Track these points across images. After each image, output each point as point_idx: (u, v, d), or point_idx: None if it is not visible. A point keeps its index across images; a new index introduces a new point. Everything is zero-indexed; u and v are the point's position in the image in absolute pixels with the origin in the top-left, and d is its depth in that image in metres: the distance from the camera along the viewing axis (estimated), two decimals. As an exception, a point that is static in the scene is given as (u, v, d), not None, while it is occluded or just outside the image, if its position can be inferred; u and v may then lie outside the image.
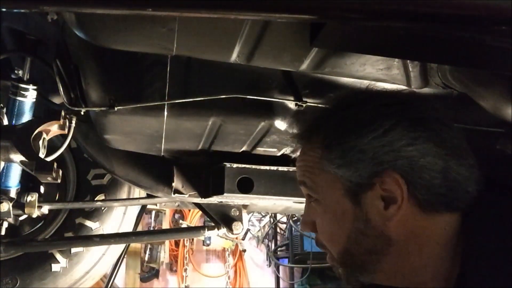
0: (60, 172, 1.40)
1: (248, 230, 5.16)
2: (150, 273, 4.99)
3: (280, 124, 1.36)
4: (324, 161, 0.82)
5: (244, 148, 1.53)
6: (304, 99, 1.31)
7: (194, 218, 5.08)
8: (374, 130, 0.77)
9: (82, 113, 1.42)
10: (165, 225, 5.00)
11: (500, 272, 0.71)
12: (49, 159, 1.42)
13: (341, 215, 0.81)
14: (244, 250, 5.42)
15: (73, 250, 2.01)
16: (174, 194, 1.58)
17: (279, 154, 1.56)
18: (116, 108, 1.24)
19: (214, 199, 1.63)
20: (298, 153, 0.92)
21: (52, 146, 1.52)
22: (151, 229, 4.74)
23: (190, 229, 3.36)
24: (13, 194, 1.67)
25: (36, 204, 1.65)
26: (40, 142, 1.42)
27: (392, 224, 0.77)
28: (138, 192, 2.05)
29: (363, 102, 0.84)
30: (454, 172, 0.77)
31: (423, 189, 0.76)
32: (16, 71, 1.66)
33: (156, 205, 2.16)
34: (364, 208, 0.79)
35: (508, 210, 0.76)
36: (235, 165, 1.53)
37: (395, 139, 0.77)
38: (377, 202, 0.78)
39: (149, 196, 1.79)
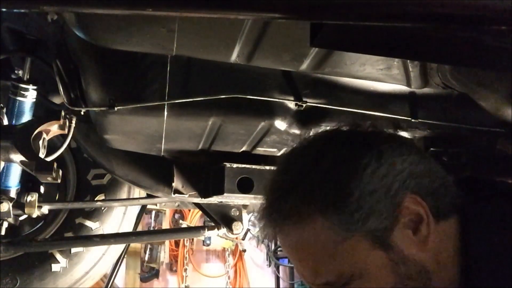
0: (60, 172, 1.40)
1: (248, 230, 5.14)
2: (150, 273, 4.98)
3: (280, 124, 1.36)
4: (342, 225, 0.72)
5: (244, 148, 1.53)
6: (304, 99, 1.31)
7: (194, 218, 5.07)
8: (366, 166, 0.72)
9: (82, 113, 1.42)
10: (165, 225, 4.99)
11: (504, 273, 0.69)
12: (49, 159, 1.42)
13: (380, 272, 0.72)
14: (244, 250, 5.41)
15: (73, 250, 2.00)
16: (174, 194, 1.58)
17: (279, 154, 1.56)
18: (116, 108, 1.24)
19: (214, 199, 1.63)
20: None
21: (52, 146, 1.52)
22: (151, 229, 4.73)
23: (190, 229, 3.37)
24: (13, 194, 1.67)
25: (36, 204, 1.65)
26: (40, 142, 1.42)
27: (428, 247, 0.72)
28: (138, 192, 2.05)
29: (319, 153, 0.77)
30: (438, 173, 0.77)
31: (430, 196, 0.74)
32: (16, 71, 1.66)
33: (156, 205, 2.16)
34: (397, 248, 0.72)
35: (505, 212, 0.75)
36: (235, 165, 1.53)
37: (388, 163, 0.73)
38: (405, 232, 0.73)
39: (149, 196, 1.79)
